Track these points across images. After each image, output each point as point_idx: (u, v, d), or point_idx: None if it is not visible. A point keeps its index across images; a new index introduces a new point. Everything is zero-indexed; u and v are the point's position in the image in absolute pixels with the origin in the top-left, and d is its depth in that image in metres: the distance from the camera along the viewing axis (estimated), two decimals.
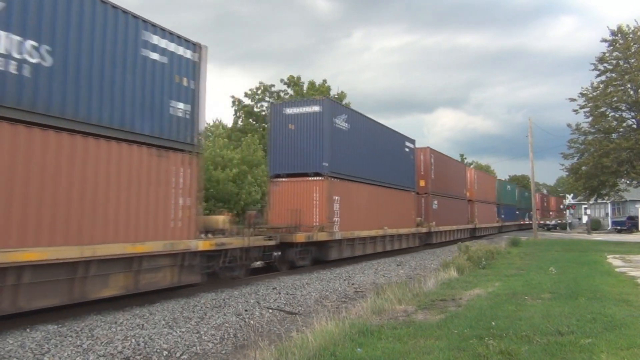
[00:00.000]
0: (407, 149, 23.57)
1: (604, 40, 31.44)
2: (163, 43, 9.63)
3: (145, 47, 9.21)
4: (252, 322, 8.30)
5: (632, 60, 30.37)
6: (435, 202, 27.06)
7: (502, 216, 46.30)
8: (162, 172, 9.39)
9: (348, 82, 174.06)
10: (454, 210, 30.78)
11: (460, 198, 32.83)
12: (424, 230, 25.22)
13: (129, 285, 8.72)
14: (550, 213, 78.42)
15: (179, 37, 10.03)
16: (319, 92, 42.67)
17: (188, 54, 10.25)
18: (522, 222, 57.17)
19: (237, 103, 38.97)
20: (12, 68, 6.97)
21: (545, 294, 9.32)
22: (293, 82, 39.09)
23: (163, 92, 9.55)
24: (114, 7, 8.61)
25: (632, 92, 30.67)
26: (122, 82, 8.70)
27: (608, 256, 18.82)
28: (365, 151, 18.71)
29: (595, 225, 54.20)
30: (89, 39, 8.13)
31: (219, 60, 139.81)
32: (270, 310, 9.21)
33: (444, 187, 28.75)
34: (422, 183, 25.79)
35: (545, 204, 74.52)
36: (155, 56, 9.42)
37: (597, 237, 40.44)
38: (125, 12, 8.82)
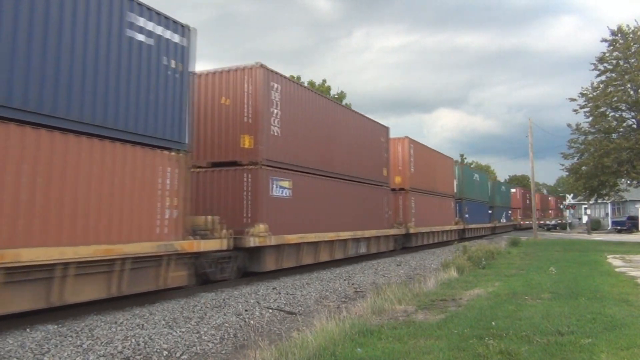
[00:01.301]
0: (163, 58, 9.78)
1: (604, 40, 31.46)
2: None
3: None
4: (252, 322, 8.30)
5: (632, 60, 30.37)
6: (285, 184, 13.28)
7: (466, 216, 33.86)
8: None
9: (348, 82, 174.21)
10: (350, 204, 17.20)
11: (375, 183, 19.41)
12: (215, 246, 10.66)
13: None
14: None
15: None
16: (319, 91, 42.69)
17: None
18: (496, 224, 45.04)
19: None
20: None
21: (545, 294, 9.32)
22: None
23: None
24: None
25: (632, 92, 30.67)
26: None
27: (608, 256, 18.82)
28: None
29: (595, 225, 54.23)
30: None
31: (219, 59, 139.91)
32: (270, 310, 9.21)
33: (317, 159, 15.22)
34: (246, 142, 12.39)
35: (527, 202, 63.45)
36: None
37: (597, 237, 40.46)
38: None
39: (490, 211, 42.85)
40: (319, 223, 15.03)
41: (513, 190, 59.36)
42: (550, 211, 78.69)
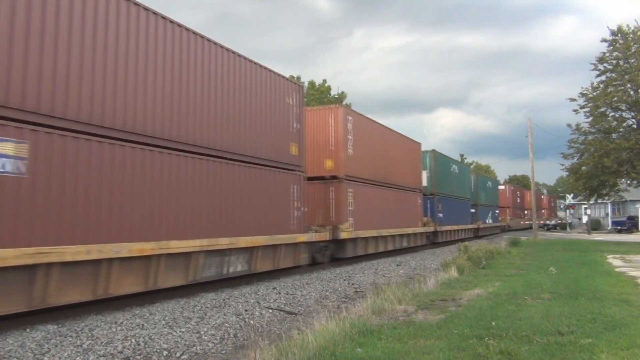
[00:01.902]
0: None
1: (604, 40, 31.48)
2: None
3: None
4: (252, 322, 8.31)
5: (632, 60, 30.40)
6: (6, 148, 6.85)
7: (440, 215, 27.80)
8: None
9: (348, 82, 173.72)
10: (210, 195, 10.82)
11: (272, 165, 13.09)
12: None
13: None
14: (526, 212, 61.79)
15: None
16: (319, 91, 42.65)
17: None
18: (480, 225, 38.51)
19: None
20: None
21: (545, 294, 9.33)
22: None
23: None
24: None
25: (632, 92, 30.69)
26: None
27: (608, 256, 18.83)
28: None
29: (595, 225, 54.27)
30: None
31: None
32: (270, 310, 9.21)
33: (119, 112, 8.67)
34: None
35: (518, 201, 58.37)
36: None
37: (597, 237, 40.48)
38: None
39: (473, 210, 36.74)
40: (111, 226, 8.43)
41: (502, 187, 53.60)
42: (543, 211, 73.72)
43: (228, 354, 6.65)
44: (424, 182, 26.18)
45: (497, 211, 46.33)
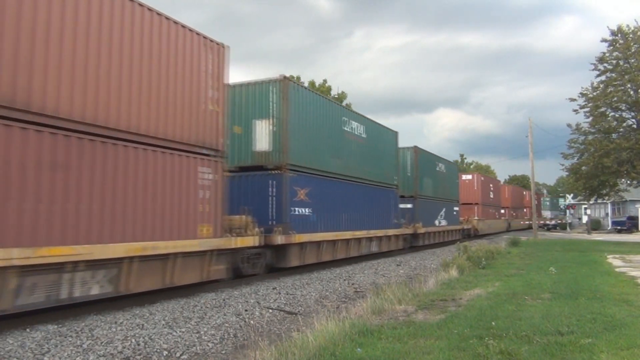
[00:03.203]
0: None
1: (604, 40, 31.51)
2: None
3: None
4: (252, 322, 8.31)
5: (632, 60, 30.42)
6: None
7: (305, 212, 14.20)
8: None
9: (348, 81, 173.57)
10: None
11: None
12: None
13: None
14: (502, 211, 48.83)
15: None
16: (319, 92, 42.61)
17: None
18: (418, 230, 23.91)
19: None
20: None
21: (545, 294, 9.33)
22: None
23: None
24: None
25: (632, 92, 30.73)
26: None
27: (608, 256, 18.83)
28: None
29: (595, 225, 54.30)
30: None
31: None
32: (270, 310, 9.21)
33: None
34: None
35: (491, 196, 43.06)
36: None
37: (597, 237, 40.51)
38: None
39: (409, 205, 24.11)
40: None
41: (468, 177, 39.43)
42: (525, 210, 61.67)
43: (228, 354, 6.65)
44: (262, 144, 13.60)
45: (455, 209, 32.30)
